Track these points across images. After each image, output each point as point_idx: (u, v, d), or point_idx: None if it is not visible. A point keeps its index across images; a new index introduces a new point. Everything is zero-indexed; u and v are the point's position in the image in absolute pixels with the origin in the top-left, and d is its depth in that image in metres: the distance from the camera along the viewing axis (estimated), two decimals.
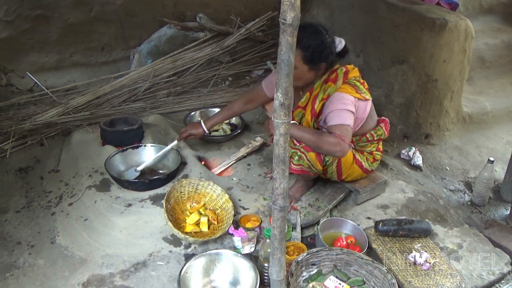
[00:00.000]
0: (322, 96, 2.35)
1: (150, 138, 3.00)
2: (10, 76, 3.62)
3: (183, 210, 2.42)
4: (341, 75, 2.35)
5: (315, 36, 2.25)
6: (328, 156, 2.38)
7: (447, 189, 2.95)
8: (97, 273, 2.08)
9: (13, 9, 3.41)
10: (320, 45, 2.24)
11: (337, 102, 2.28)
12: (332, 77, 2.36)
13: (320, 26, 2.32)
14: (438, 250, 2.27)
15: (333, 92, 2.32)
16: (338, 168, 2.45)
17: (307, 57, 2.24)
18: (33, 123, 3.17)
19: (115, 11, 3.77)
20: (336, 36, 2.37)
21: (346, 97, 2.29)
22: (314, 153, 2.34)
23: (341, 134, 2.21)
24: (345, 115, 2.26)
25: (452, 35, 3.06)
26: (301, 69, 2.27)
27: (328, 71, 2.38)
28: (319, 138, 2.25)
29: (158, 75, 3.76)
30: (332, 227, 2.37)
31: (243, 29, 4.11)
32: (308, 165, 2.38)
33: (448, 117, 3.41)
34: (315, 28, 2.29)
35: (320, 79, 2.38)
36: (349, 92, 2.30)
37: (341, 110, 2.26)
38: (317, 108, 2.37)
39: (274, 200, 1.53)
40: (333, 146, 2.20)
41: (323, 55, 2.27)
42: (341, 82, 2.33)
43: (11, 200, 2.57)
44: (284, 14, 1.21)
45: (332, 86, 2.33)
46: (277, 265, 1.66)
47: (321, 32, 2.28)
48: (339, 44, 2.35)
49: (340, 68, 2.39)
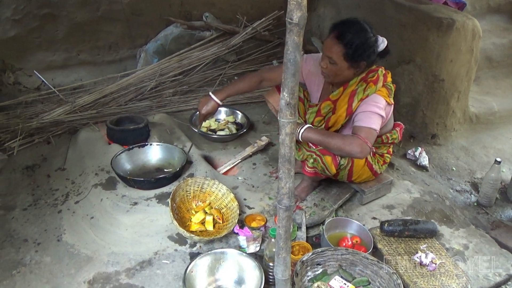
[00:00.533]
0: (361, 96, 2.29)
1: (156, 137, 3.01)
2: (18, 75, 3.65)
3: (188, 209, 2.43)
4: (382, 77, 2.31)
5: (360, 34, 2.20)
6: (344, 160, 2.36)
7: (453, 190, 2.93)
8: (103, 271, 2.09)
9: (21, 8, 3.43)
10: (364, 43, 2.20)
11: (372, 104, 2.25)
12: (373, 78, 2.30)
13: (366, 23, 2.26)
14: (444, 251, 2.26)
15: (372, 93, 2.27)
16: (350, 171, 2.44)
17: (349, 54, 2.20)
18: (40, 122, 3.18)
19: (122, 10, 3.78)
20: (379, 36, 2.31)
21: (381, 101, 2.26)
22: (330, 157, 2.32)
23: (366, 137, 2.17)
24: (375, 119, 2.23)
25: (460, 34, 3.04)
26: (341, 66, 2.23)
27: (366, 70, 2.34)
28: (340, 140, 2.19)
29: (164, 74, 3.77)
30: (338, 227, 2.37)
31: (249, 28, 4.11)
32: (322, 168, 2.36)
33: (454, 117, 3.39)
34: (361, 26, 2.24)
35: (357, 77, 2.33)
36: (384, 96, 2.28)
37: (373, 113, 2.23)
38: (355, 108, 2.30)
39: (279, 199, 1.53)
40: (356, 148, 2.14)
41: (366, 54, 2.23)
42: (381, 85, 2.30)
43: (18, 198, 2.59)
44: (290, 13, 1.21)
45: (373, 87, 2.27)
46: (282, 264, 1.66)
47: (366, 30, 2.22)
48: (382, 44, 2.29)
49: (380, 69, 2.34)
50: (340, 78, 2.32)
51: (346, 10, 3.96)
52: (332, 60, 2.24)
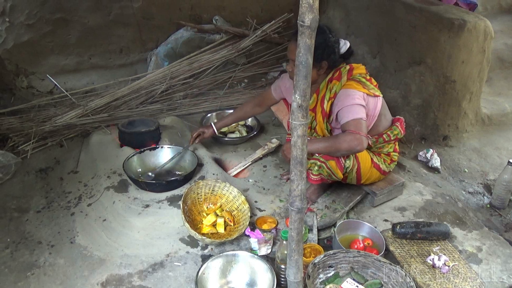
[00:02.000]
0: (329, 95, 2.38)
1: (167, 140, 3.03)
2: (31, 79, 3.70)
3: (199, 211, 2.44)
4: (345, 72, 2.38)
5: (318, 35, 2.22)
6: (348, 162, 2.37)
7: (465, 192, 2.91)
8: (116, 273, 2.11)
9: (34, 13, 3.48)
10: (321, 43, 2.25)
11: (345, 98, 2.30)
12: (336, 75, 2.39)
13: (324, 26, 2.34)
14: (457, 253, 2.24)
15: (339, 89, 2.34)
16: (358, 173, 2.45)
17: (318, 48, 2.25)
18: (53, 125, 3.22)
19: (133, 14, 3.82)
20: (342, 39, 2.42)
21: (353, 92, 2.30)
22: (334, 161, 2.35)
23: (356, 129, 2.22)
24: (356, 109, 2.26)
25: (471, 35, 3.02)
26: None
27: (332, 71, 2.41)
28: (335, 141, 2.26)
29: (175, 77, 3.79)
30: (349, 229, 2.36)
31: (259, 31, 4.13)
32: (328, 173, 2.38)
33: (466, 119, 3.36)
34: (319, 28, 2.27)
35: (325, 79, 2.42)
36: (355, 88, 2.32)
37: (351, 105, 2.27)
38: (327, 108, 2.39)
39: (291, 201, 1.53)
40: (351, 142, 2.20)
41: (325, 53, 2.31)
42: (346, 79, 2.36)
43: (32, 200, 2.62)
44: (302, 16, 1.22)
45: (337, 84, 2.35)
46: (294, 266, 1.66)
47: (324, 31, 2.31)
48: (344, 46, 2.40)
49: (344, 66, 2.41)
50: None
51: (355, 12, 3.95)
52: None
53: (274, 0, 4.34)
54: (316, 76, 2.38)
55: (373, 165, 2.47)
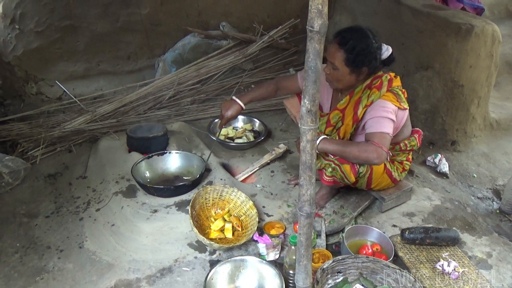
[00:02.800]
0: (365, 102, 2.31)
1: (175, 145, 3.04)
2: (40, 85, 3.73)
3: (207, 216, 2.44)
4: (386, 82, 2.32)
5: (362, 40, 2.24)
6: (362, 168, 2.36)
7: (474, 197, 2.89)
8: (124, 278, 2.11)
9: (43, 20, 3.52)
10: (364, 49, 2.23)
11: (379, 109, 2.26)
12: (376, 83, 2.32)
13: (368, 30, 2.29)
14: (467, 259, 2.22)
15: (377, 99, 2.29)
16: (369, 178, 2.44)
17: (350, 59, 2.23)
18: (62, 131, 3.25)
19: (141, 21, 3.84)
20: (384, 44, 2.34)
21: (388, 105, 2.27)
22: (349, 165, 2.34)
23: (380, 142, 2.18)
24: (385, 123, 2.24)
25: (479, 40, 3.01)
26: (343, 71, 2.27)
27: (370, 77, 2.36)
28: (355, 148, 2.21)
29: (182, 83, 3.81)
30: (358, 235, 2.35)
31: (266, 36, 4.14)
32: (341, 176, 2.37)
33: (475, 123, 3.35)
34: (363, 32, 2.28)
35: (362, 84, 2.36)
36: (391, 101, 2.28)
37: (382, 117, 2.24)
38: (360, 115, 2.34)
39: (300, 206, 1.53)
40: (371, 154, 2.15)
41: (366, 60, 2.25)
42: (385, 90, 2.31)
43: (41, 206, 2.64)
44: (311, 21, 1.22)
45: (376, 93, 2.30)
46: (303, 272, 1.65)
47: (368, 36, 2.26)
48: (386, 52, 2.32)
49: (385, 75, 2.36)
50: (343, 84, 2.34)
51: (363, 17, 3.96)
52: (334, 66, 2.28)
53: (281, 6, 4.36)
54: (354, 81, 2.33)
55: (385, 171, 2.46)
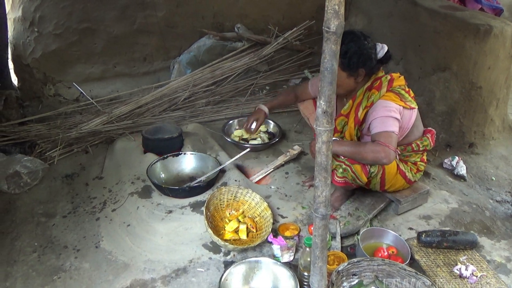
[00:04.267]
0: (365, 103, 2.33)
1: (189, 146, 3.05)
2: (58, 87, 3.80)
3: (222, 217, 2.45)
4: (386, 82, 2.33)
5: (353, 42, 2.25)
6: (373, 168, 2.35)
7: (493, 200, 2.83)
8: (140, 278, 2.12)
9: (61, 23, 3.58)
10: (357, 51, 2.23)
11: (381, 109, 2.26)
12: (376, 84, 2.34)
13: (358, 32, 2.31)
14: (485, 263, 2.18)
15: (377, 99, 2.30)
16: (382, 179, 2.42)
17: (344, 63, 2.24)
18: (79, 132, 3.29)
19: (157, 23, 3.88)
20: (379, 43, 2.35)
21: (390, 104, 2.26)
22: (359, 165, 2.33)
23: (386, 141, 2.18)
24: (390, 122, 2.23)
25: (498, 41, 2.96)
26: (340, 76, 2.25)
27: (371, 78, 2.37)
28: (363, 149, 2.24)
29: (197, 84, 3.83)
30: (373, 237, 2.33)
31: (281, 38, 4.14)
32: (352, 177, 2.36)
33: (493, 126, 3.29)
34: (353, 34, 2.29)
35: (363, 87, 2.37)
36: (393, 100, 2.28)
37: (385, 117, 2.24)
38: (361, 116, 2.35)
39: (315, 208, 1.52)
40: (378, 154, 2.17)
41: (361, 61, 2.26)
42: (385, 90, 2.31)
43: (58, 205, 2.68)
44: (328, 22, 1.22)
45: (376, 94, 2.31)
46: (319, 274, 1.64)
47: (359, 37, 2.27)
48: (381, 50, 2.32)
49: (385, 76, 2.36)
50: (343, 89, 2.35)
51: (378, 19, 3.93)
52: None
53: (295, 8, 4.36)
54: (354, 85, 2.34)
55: (398, 172, 2.44)
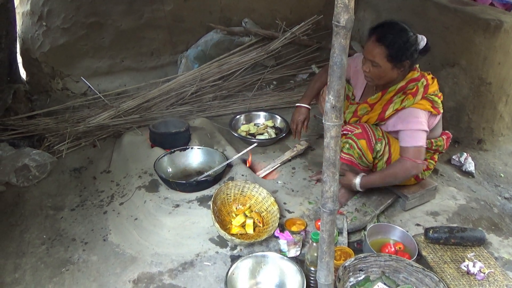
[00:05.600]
0: (397, 106, 2.30)
1: (196, 141, 3.06)
2: (66, 81, 3.81)
3: (229, 212, 2.45)
4: (422, 89, 2.29)
5: (401, 34, 2.21)
6: (380, 146, 2.34)
7: (501, 197, 2.82)
8: (147, 271, 2.14)
9: (70, 17, 3.59)
10: (405, 43, 2.20)
11: (412, 121, 2.26)
12: (412, 89, 2.30)
13: (404, 23, 2.26)
14: (493, 260, 2.17)
15: (410, 105, 2.28)
16: (388, 163, 2.41)
17: (392, 55, 2.20)
18: (87, 126, 3.31)
19: (164, 17, 3.88)
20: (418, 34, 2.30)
21: (421, 115, 2.27)
22: (365, 141, 2.33)
23: (414, 157, 2.24)
24: (419, 136, 2.25)
25: (508, 36, 2.93)
26: (385, 67, 2.24)
27: (406, 77, 2.33)
28: (393, 171, 2.31)
29: (204, 79, 3.83)
30: (380, 233, 2.32)
31: (288, 33, 4.13)
32: (358, 154, 2.35)
33: (502, 122, 3.26)
34: (401, 26, 2.25)
35: (397, 85, 2.34)
36: (426, 108, 2.28)
37: (415, 130, 2.25)
38: (387, 115, 2.34)
39: (323, 203, 1.52)
40: (409, 172, 2.28)
41: (408, 53, 2.22)
42: (420, 98, 2.29)
43: (67, 199, 2.69)
44: (337, 16, 1.21)
45: (411, 100, 2.28)
46: (325, 269, 1.64)
47: (406, 29, 2.23)
48: (421, 42, 2.27)
49: (422, 80, 2.32)
50: (385, 80, 2.32)
51: (387, 13, 3.90)
52: (375, 63, 2.24)
53: (303, 2, 4.34)
54: (396, 76, 2.30)
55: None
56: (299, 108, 2.79)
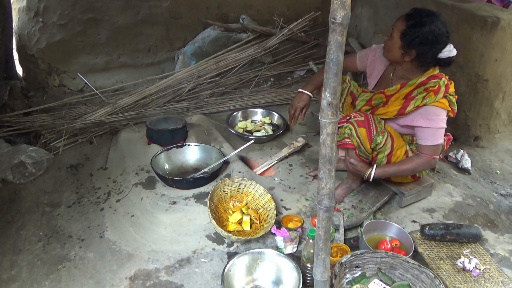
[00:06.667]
0: (419, 103, 2.28)
1: (193, 138, 3.06)
2: (63, 77, 3.80)
3: (226, 208, 2.45)
4: (443, 88, 2.28)
5: (427, 24, 2.17)
6: (381, 138, 2.32)
7: (497, 194, 2.82)
8: (143, 268, 2.14)
9: (66, 13, 3.57)
10: (423, 33, 2.16)
11: (434, 119, 2.27)
12: (434, 87, 2.27)
13: (443, 23, 2.20)
14: (489, 257, 2.18)
15: (431, 103, 2.27)
16: (389, 158, 2.40)
17: (406, 34, 2.19)
18: (84, 122, 3.30)
19: (161, 14, 3.87)
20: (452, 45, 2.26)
21: (442, 113, 2.29)
22: (365, 130, 2.31)
23: (433, 154, 2.30)
24: (439, 134, 2.29)
25: (505, 33, 2.93)
26: (395, 41, 2.25)
27: (426, 73, 2.31)
28: (410, 166, 2.36)
29: (201, 75, 3.82)
30: (376, 230, 2.33)
31: (286, 29, 4.12)
32: (357, 143, 2.33)
33: (499, 119, 3.27)
34: (436, 19, 2.20)
35: (417, 79, 2.31)
36: (446, 107, 2.29)
37: (437, 129, 2.28)
38: (408, 111, 2.32)
39: (319, 200, 1.52)
40: (425, 165, 2.36)
41: (420, 44, 2.18)
42: (442, 96, 2.28)
43: (63, 196, 2.69)
44: (334, 13, 1.21)
45: (432, 98, 2.26)
46: (322, 265, 1.65)
47: (436, 25, 2.17)
48: (447, 52, 2.23)
49: (443, 79, 2.30)
50: (390, 55, 2.34)
51: (384, 10, 3.90)
52: (392, 35, 2.27)
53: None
54: (399, 59, 2.28)
55: (405, 156, 2.43)
56: (301, 94, 2.70)
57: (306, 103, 2.70)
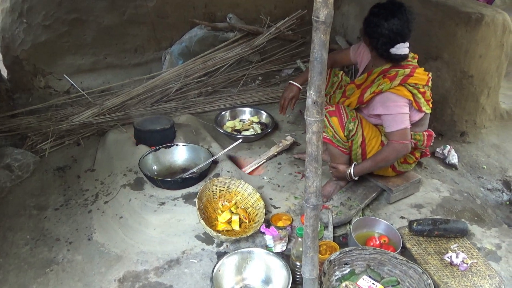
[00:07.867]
0: (374, 89, 2.34)
1: (182, 138, 3.04)
2: (48, 79, 3.75)
3: (215, 208, 2.45)
4: (401, 76, 2.30)
5: (389, 14, 2.23)
6: (352, 125, 2.36)
7: (484, 188, 2.86)
8: (132, 270, 2.13)
9: (50, 14, 3.52)
10: (372, 21, 2.27)
11: (391, 104, 2.29)
12: (391, 74, 2.32)
13: (406, 26, 2.25)
14: (476, 251, 2.20)
15: (386, 89, 2.30)
16: (363, 148, 2.43)
17: (366, 20, 2.32)
18: (70, 124, 3.27)
19: (148, 13, 3.84)
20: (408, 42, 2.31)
21: (399, 99, 2.29)
22: (336, 118, 2.36)
23: (401, 139, 2.29)
24: (401, 119, 2.29)
25: (489, 29, 2.97)
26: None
27: (387, 61, 2.36)
28: (384, 156, 2.36)
29: (189, 75, 3.81)
30: (365, 227, 2.34)
31: (273, 28, 4.11)
32: (332, 133, 2.39)
33: (484, 114, 3.31)
34: (397, 12, 2.24)
35: (381, 66, 2.37)
36: (404, 94, 2.29)
37: (396, 114, 2.29)
38: (366, 99, 2.39)
39: (306, 198, 1.52)
40: (398, 152, 2.34)
41: (368, 31, 2.31)
42: (398, 83, 2.29)
43: (50, 198, 2.66)
44: (317, 11, 1.21)
45: (387, 84, 2.30)
46: (310, 263, 1.65)
47: (394, 17, 2.21)
48: (396, 49, 2.27)
49: (405, 69, 2.32)
50: (363, 40, 2.44)
51: None
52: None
53: None
54: (367, 44, 2.39)
55: (381, 147, 2.44)
56: (291, 85, 2.76)
57: (295, 94, 2.75)
